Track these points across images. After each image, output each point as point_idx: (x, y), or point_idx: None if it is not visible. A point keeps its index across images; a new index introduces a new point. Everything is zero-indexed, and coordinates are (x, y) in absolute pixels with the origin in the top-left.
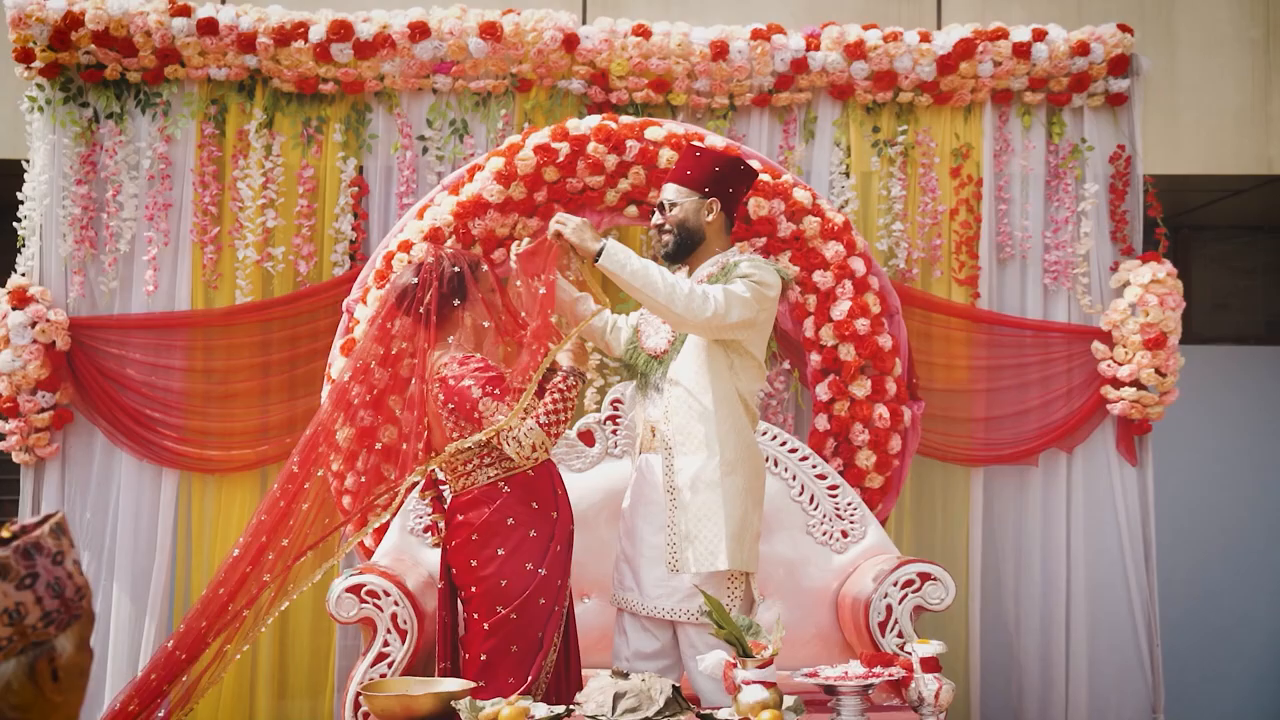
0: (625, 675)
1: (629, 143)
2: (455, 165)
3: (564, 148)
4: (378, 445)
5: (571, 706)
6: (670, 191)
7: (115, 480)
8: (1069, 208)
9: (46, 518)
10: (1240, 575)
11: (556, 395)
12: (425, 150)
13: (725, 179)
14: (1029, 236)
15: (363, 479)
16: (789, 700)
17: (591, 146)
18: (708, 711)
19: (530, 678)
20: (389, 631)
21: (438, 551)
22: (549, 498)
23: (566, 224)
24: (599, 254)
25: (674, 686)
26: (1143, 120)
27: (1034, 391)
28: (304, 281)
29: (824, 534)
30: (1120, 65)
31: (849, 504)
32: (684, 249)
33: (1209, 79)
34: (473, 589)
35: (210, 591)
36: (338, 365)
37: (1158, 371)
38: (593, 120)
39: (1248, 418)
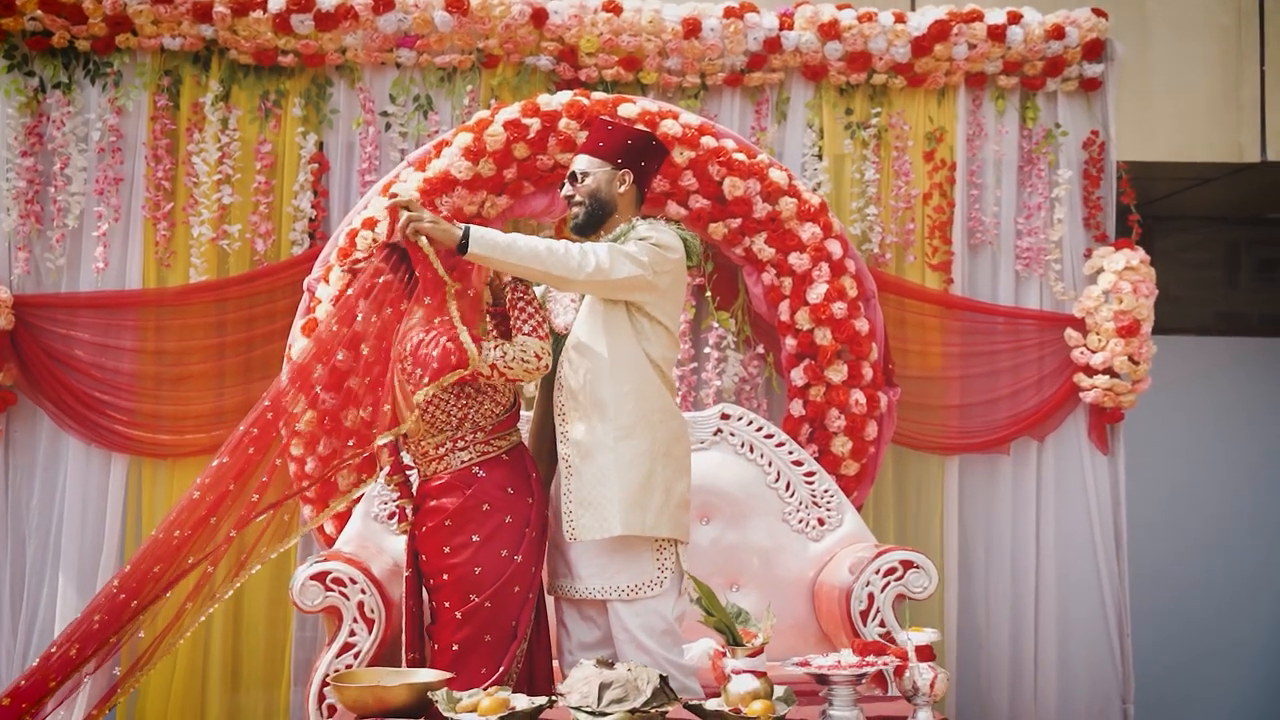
0: (610, 664)
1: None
2: (419, 142)
3: (535, 124)
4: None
5: (554, 697)
6: (582, 162)
7: (62, 465)
8: (1042, 193)
9: None
10: (1209, 565)
11: (521, 305)
12: (388, 126)
13: (638, 152)
14: (1000, 222)
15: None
16: (778, 690)
17: (563, 123)
18: (696, 702)
19: (502, 667)
20: (355, 621)
21: (404, 538)
22: (524, 482)
23: (423, 218)
24: (465, 243)
25: (661, 676)
26: (1115, 106)
27: (1006, 379)
28: (261, 260)
29: (800, 521)
30: (1094, 50)
31: (825, 491)
32: (595, 220)
33: (1181, 65)
34: (444, 576)
35: (164, 533)
36: (299, 346)
37: (1130, 359)
38: (564, 96)
39: (1203, 409)
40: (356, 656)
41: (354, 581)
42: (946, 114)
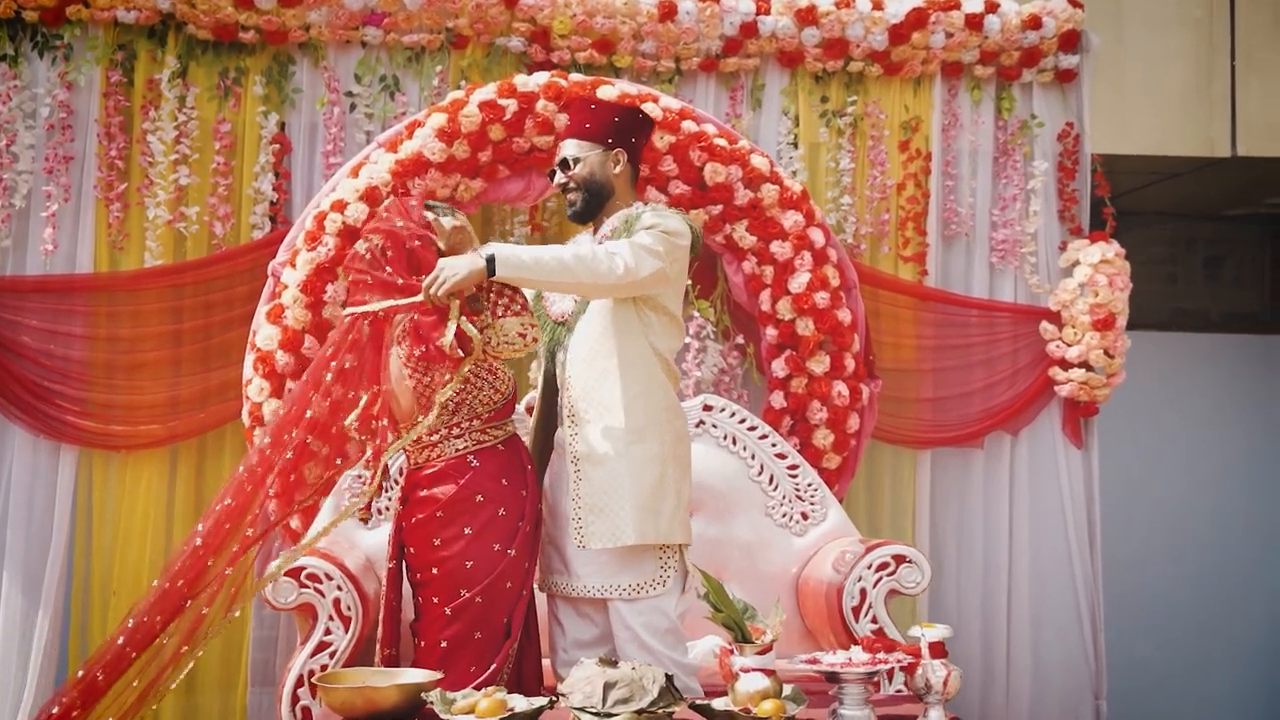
0: (614, 663)
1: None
2: (385, 125)
3: (511, 105)
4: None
5: (554, 697)
6: (571, 147)
7: (7, 458)
8: (1017, 185)
9: None
10: (1201, 566)
11: (496, 287)
12: (353, 107)
13: (627, 129)
14: (975, 214)
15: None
16: (787, 689)
17: (541, 104)
18: (704, 702)
19: (494, 665)
20: (331, 619)
21: (375, 533)
22: (519, 474)
23: (445, 275)
24: (491, 268)
25: (666, 675)
26: (1090, 98)
27: (980, 372)
28: (220, 244)
29: (784, 516)
30: (1070, 41)
31: (809, 485)
32: (593, 206)
33: (1155, 59)
34: (433, 570)
35: (169, 584)
36: (263, 333)
37: (1106, 353)
38: (541, 77)
39: (1172, 404)
40: (332, 656)
41: (330, 578)
42: (922, 103)
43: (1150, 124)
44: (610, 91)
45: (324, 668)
